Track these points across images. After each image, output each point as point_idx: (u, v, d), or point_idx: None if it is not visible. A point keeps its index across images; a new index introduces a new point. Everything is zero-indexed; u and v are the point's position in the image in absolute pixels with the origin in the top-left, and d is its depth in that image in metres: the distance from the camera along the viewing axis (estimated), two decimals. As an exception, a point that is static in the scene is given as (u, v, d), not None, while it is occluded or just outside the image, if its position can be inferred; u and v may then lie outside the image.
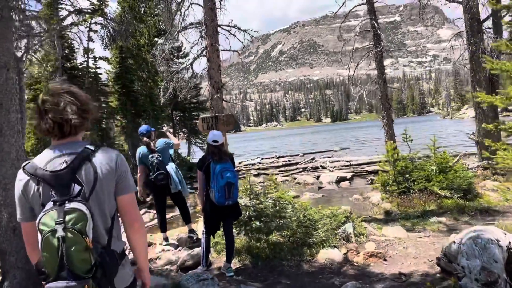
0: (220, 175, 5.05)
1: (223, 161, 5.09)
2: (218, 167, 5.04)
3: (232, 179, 5.04)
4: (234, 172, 5.17)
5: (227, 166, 5.10)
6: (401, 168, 9.87)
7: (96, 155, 1.76)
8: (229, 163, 5.17)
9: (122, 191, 1.81)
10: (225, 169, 5.08)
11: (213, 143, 5.17)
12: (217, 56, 8.80)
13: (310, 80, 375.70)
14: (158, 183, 6.40)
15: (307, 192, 14.02)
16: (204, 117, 8.94)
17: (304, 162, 23.99)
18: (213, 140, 5.16)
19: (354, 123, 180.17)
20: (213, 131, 5.39)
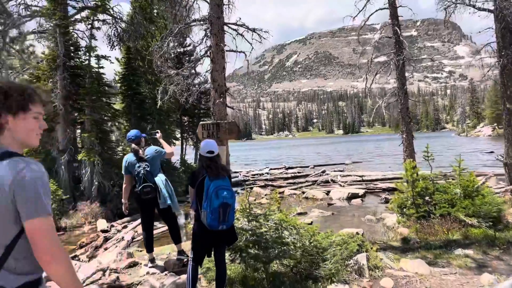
0: (215, 194, 4.20)
1: (220, 178, 4.25)
2: (213, 185, 4.22)
3: (229, 200, 4.20)
4: (231, 192, 4.31)
5: (224, 183, 4.26)
6: (421, 189, 8.89)
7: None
8: (227, 180, 4.33)
9: (25, 216, 1.48)
10: (221, 187, 4.25)
11: (208, 155, 4.35)
12: (222, 57, 7.99)
13: (324, 91, 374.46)
14: (144, 196, 5.60)
15: (315, 208, 13.07)
16: (204, 123, 8.13)
17: (314, 175, 23.00)
18: (208, 151, 4.35)
19: (366, 136, 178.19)
20: (207, 140, 4.57)
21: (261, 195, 16.88)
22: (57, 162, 13.72)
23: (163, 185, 5.66)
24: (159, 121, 17.51)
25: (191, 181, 4.44)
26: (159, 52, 7.55)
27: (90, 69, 14.17)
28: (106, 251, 9.30)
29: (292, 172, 25.71)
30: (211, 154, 4.33)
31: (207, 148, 4.35)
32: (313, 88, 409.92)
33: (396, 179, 19.94)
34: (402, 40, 9.49)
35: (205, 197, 4.22)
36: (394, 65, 9.52)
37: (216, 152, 4.39)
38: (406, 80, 9.51)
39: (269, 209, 5.96)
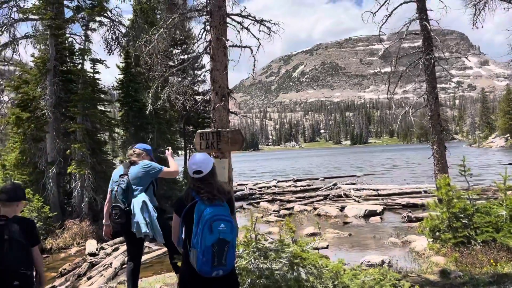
0: (208, 228, 2.90)
1: (216, 203, 2.94)
2: (207, 213, 2.91)
3: (227, 235, 2.91)
4: (231, 223, 3.01)
5: (221, 212, 2.97)
6: (459, 210, 7.51)
7: None
8: (225, 206, 3.02)
9: None
10: (218, 218, 2.94)
11: (195, 176, 3.05)
12: (223, 54, 6.73)
13: (331, 102, 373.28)
14: (114, 221, 4.47)
15: (330, 228, 11.68)
16: (202, 132, 6.84)
17: (325, 189, 21.59)
18: (195, 171, 3.05)
19: (374, 147, 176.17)
20: (195, 155, 3.29)
21: (269, 211, 15.52)
22: (45, 175, 12.53)
23: (139, 208, 4.34)
24: (160, 130, 16.31)
25: (177, 207, 3.12)
26: (147, 46, 6.36)
27: (83, 73, 13.02)
28: (88, 281, 7.99)
29: (301, 185, 24.34)
30: (198, 175, 3.03)
31: (192, 167, 3.10)
32: (320, 98, 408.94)
33: (414, 193, 18.51)
34: (433, 37, 8.19)
35: (195, 230, 2.94)
36: (422, 64, 8.20)
37: (206, 171, 3.11)
38: (437, 83, 8.20)
39: (281, 242, 4.63)
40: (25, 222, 3.00)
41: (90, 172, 12.34)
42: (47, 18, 12.40)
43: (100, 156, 13.40)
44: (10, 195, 2.98)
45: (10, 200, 2.96)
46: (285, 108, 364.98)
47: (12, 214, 2.94)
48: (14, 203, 3.00)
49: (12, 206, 2.97)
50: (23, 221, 2.98)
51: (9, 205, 2.95)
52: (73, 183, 12.38)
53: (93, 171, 12.55)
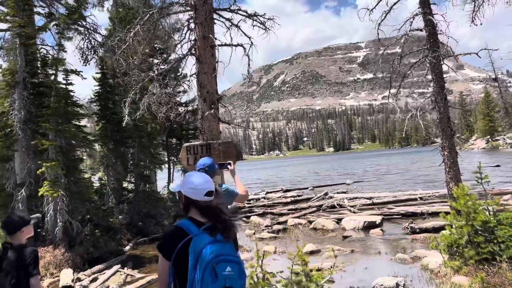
0: (211, 272, 2.00)
1: (218, 238, 2.13)
2: (208, 252, 2.04)
3: (235, 282, 2.07)
4: (239, 265, 2.11)
5: (226, 249, 2.13)
6: (482, 223, 6.72)
7: None
8: (231, 243, 2.18)
9: None
10: (222, 258, 2.06)
11: (207, 198, 2.31)
12: (211, 55, 5.85)
13: (313, 110, 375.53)
14: None
15: (329, 244, 10.78)
16: (189, 145, 5.90)
17: (317, 199, 20.74)
18: (208, 193, 2.34)
19: (358, 153, 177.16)
20: (192, 174, 2.45)
21: (260, 227, 14.54)
22: (13, 198, 11.31)
23: None
24: (141, 144, 15.21)
25: (164, 248, 2.20)
26: (121, 47, 5.43)
27: (55, 85, 11.91)
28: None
29: (291, 196, 23.42)
30: (211, 197, 2.24)
31: (203, 186, 2.25)
32: (301, 107, 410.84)
33: (410, 200, 17.81)
34: (439, 32, 7.48)
35: (192, 277, 2.04)
36: (429, 63, 7.47)
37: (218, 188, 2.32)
38: (445, 82, 7.47)
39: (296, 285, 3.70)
40: (26, 252, 3.06)
41: (64, 193, 11.17)
42: (15, 26, 11.29)
43: (76, 175, 12.23)
44: (8, 229, 3.17)
45: (10, 233, 3.16)
46: (268, 117, 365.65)
47: (17, 242, 3.11)
48: (15, 234, 3.14)
49: (15, 236, 3.14)
50: (24, 251, 3.06)
51: (12, 236, 3.15)
52: (45, 206, 11.17)
53: (67, 192, 11.39)
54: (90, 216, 12.78)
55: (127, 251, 12.73)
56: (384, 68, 9.65)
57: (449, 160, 8.20)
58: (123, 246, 12.96)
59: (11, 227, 3.17)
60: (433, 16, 7.81)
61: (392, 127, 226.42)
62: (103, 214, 13.23)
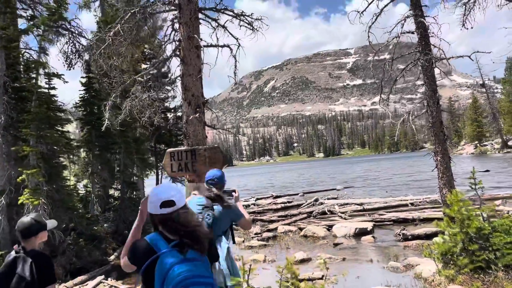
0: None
1: (189, 256, 1.89)
2: (176, 273, 1.80)
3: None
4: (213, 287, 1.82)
5: (199, 270, 1.85)
6: (476, 230, 6.53)
7: None
8: (204, 259, 1.94)
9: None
10: (194, 281, 1.75)
11: (164, 211, 2.07)
12: (196, 56, 5.59)
13: (303, 115, 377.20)
14: None
15: (320, 252, 10.52)
16: (173, 151, 5.62)
17: (307, 205, 20.49)
18: (164, 203, 2.07)
19: (348, 158, 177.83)
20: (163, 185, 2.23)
21: (250, 234, 14.23)
22: (-8, 207, 10.86)
23: (223, 255, 3.50)
24: (127, 150, 14.83)
25: (134, 261, 2.08)
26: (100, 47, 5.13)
27: (37, 89, 11.52)
28: None
29: (282, 202, 23.14)
30: (170, 208, 2.00)
31: (161, 196, 2.05)
32: (291, 112, 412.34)
33: (400, 206, 17.65)
34: (431, 34, 7.33)
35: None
36: (421, 66, 7.31)
37: (180, 203, 2.03)
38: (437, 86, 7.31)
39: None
40: (40, 258, 2.88)
41: (46, 201, 10.75)
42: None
43: (59, 183, 11.82)
44: (24, 233, 2.95)
45: (25, 237, 2.94)
46: (258, 123, 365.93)
47: (30, 247, 2.91)
48: (30, 238, 2.94)
49: (29, 240, 2.93)
50: (38, 257, 2.88)
51: (26, 240, 2.93)
52: (25, 215, 10.74)
53: (49, 200, 10.96)
54: (74, 224, 12.36)
55: (112, 260, 12.32)
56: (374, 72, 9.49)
57: (442, 165, 8.02)
58: (108, 256, 12.55)
59: (27, 231, 2.95)
60: (424, 18, 7.66)
61: (382, 133, 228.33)
62: (87, 223, 12.81)
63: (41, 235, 3.03)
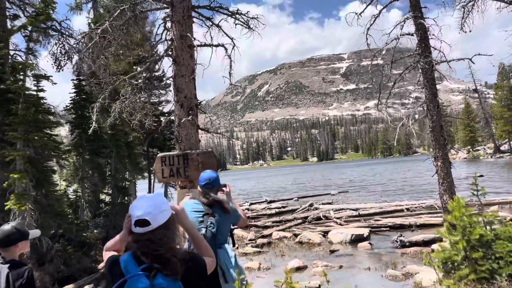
0: None
1: (159, 280, 1.68)
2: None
3: None
4: None
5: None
6: (478, 238, 6.31)
7: None
8: (177, 284, 1.71)
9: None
10: None
11: (138, 231, 1.83)
12: (190, 56, 5.33)
13: (296, 120, 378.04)
14: None
15: (316, 260, 10.25)
16: (164, 156, 5.36)
17: (302, 210, 20.24)
18: (137, 222, 1.83)
19: (341, 163, 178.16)
20: (140, 197, 1.96)
21: (244, 240, 13.94)
22: (-23, 213, 10.47)
23: (230, 263, 3.26)
24: (119, 154, 14.50)
25: (109, 275, 1.93)
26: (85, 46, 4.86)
27: (24, 91, 11.18)
28: None
29: (276, 207, 22.87)
30: (142, 229, 1.79)
31: (134, 213, 1.84)
32: (285, 116, 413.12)
33: (396, 211, 17.46)
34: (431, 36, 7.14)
35: None
36: (421, 69, 7.11)
37: (158, 222, 1.81)
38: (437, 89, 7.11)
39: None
40: (19, 269, 2.71)
41: (33, 207, 10.39)
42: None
43: (47, 188, 11.46)
44: (2, 242, 2.77)
45: (3, 246, 2.77)
46: (252, 127, 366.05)
47: (9, 257, 2.76)
48: (9, 248, 2.77)
49: (8, 250, 2.77)
50: (17, 268, 2.70)
51: (5, 249, 2.78)
52: (11, 221, 10.36)
53: (37, 205, 10.60)
54: (63, 231, 11.99)
55: (102, 268, 11.93)
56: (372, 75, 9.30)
57: (442, 171, 7.81)
58: (97, 263, 12.17)
59: (6, 239, 2.76)
60: (424, 19, 7.48)
61: (375, 137, 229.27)
62: (77, 229, 12.45)
63: (22, 245, 2.84)
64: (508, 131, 62.37)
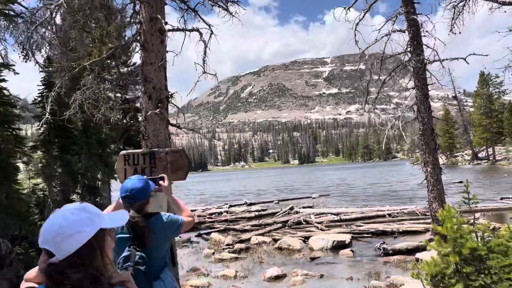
0: None
1: None
2: None
3: None
4: None
5: None
6: (470, 251, 5.87)
7: None
8: None
9: None
10: None
11: None
12: (160, 42, 4.70)
13: (279, 122, 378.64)
14: None
15: (296, 268, 9.71)
16: (127, 153, 4.70)
17: (282, 214, 19.75)
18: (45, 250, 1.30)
19: (322, 166, 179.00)
20: None
21: (221, 245, 13.30)
22: None
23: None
24: (90, 152, 13.66)
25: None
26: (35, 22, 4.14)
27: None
28: None
29: (256, 210, 22.29)
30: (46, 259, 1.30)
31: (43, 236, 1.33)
32: (268, 119, 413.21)
33: (378, 217, 17.13)
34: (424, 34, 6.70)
35: None
36: (413, 68, 6.66)
37: (63, 255, 1.27)
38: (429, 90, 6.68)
39: None
40: None
41: (-9, 207, 9.53)
42: None
43: (9, 187, 10.56)
44: None
45: None
46: (234, 128, 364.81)
47: None
48: None
49: None
50: None
51: None
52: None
53: (-5, 205, 9.74)
54: (25, 232, 11.11)
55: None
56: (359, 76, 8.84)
57: (432, 177, 7.38)
58: (62, 268, 11.33)
59: None
60: (417, 15, 7.05)
61: (356, 141, 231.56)
62: (41, 231, 11.56)
63: None
64: (486, 138, 63.49)
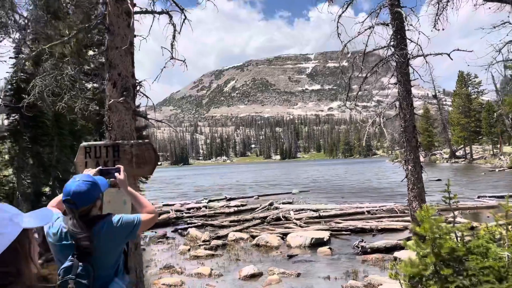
0: None
1: None
2: None
3: None
4: None
5: None
6: (449, 252, 5.73)
7: None
8: None
9: None
10: None
11: None
12: (126, 25, 4.33)
13: (261, 117, 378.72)
14: None
15: (273, 266, 9.47)
16: (88, 145, 4.30)
17: (261, 209, 19.53)
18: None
19: (303, 162, 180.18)
20: None
21: (197, 241, 12.98)
22: None
23: None
24: (62, 144, 13.09)
25: None
26: None
27: None
28: None
29: (235, 205, 21.98)
30: None
31: None
32: (251, 113, 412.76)
33: (357, 214, 17.08)
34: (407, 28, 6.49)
35: None
36: (396, 62, 6.46)
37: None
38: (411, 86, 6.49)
39: None
40: None
41: (-50, 199, 8.96)
42: None
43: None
44: None
45: None
46: (216, 122, 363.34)
47: None
48: None
49: None
50: None
51: None
52: None
53: (-45, 198, 9.18)
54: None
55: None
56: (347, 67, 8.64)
57: (413, 175, 7.23)
58: (29, 264, 10.82)
59: None
60: (401, 8, 6.86)
61: (337, 138, 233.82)
62: (7, 225, 11.01)
63: None
64: (464, 137, 64.74)
